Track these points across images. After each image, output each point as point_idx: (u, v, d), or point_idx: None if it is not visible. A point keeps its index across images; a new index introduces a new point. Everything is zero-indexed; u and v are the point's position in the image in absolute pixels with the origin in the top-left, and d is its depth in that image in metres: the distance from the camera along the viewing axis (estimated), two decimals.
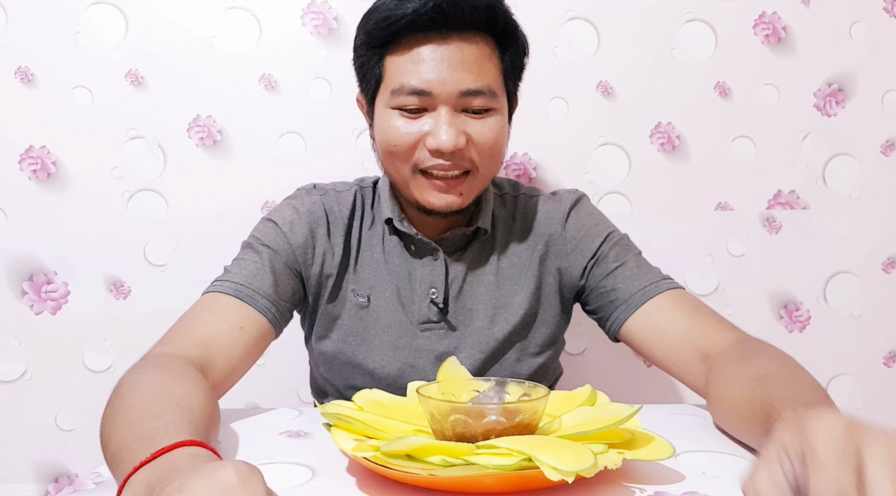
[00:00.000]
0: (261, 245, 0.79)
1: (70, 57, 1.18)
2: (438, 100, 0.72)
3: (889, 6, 1.25)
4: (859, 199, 1.27)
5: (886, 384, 1.29)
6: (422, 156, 0.74)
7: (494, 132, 0.75)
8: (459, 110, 0.74)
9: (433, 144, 0.72)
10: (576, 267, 0.84)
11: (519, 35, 0.78)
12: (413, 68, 0.72)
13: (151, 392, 0.53)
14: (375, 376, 0.81)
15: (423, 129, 0.73)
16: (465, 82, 0.72)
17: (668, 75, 1.24)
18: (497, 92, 0.75)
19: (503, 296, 0.83)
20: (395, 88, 0.73)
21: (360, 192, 0.86)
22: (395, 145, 0.74)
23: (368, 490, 0.48)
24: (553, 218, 0.85)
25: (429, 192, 0.76)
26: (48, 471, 1.23)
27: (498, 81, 0.76)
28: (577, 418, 0.55)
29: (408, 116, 0.74)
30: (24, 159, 1.19)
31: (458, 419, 0.49)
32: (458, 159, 0.74)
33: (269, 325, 0.74)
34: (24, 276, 1.20)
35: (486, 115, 0.75)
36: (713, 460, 0.55)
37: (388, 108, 0.75)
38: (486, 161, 0.76)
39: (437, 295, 0.81)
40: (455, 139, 0.72)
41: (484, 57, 0.74)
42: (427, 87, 0.72)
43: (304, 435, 0.63)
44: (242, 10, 1.20)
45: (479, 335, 0.82)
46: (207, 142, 1.21)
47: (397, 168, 0.76)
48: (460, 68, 0.72)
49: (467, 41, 0.73)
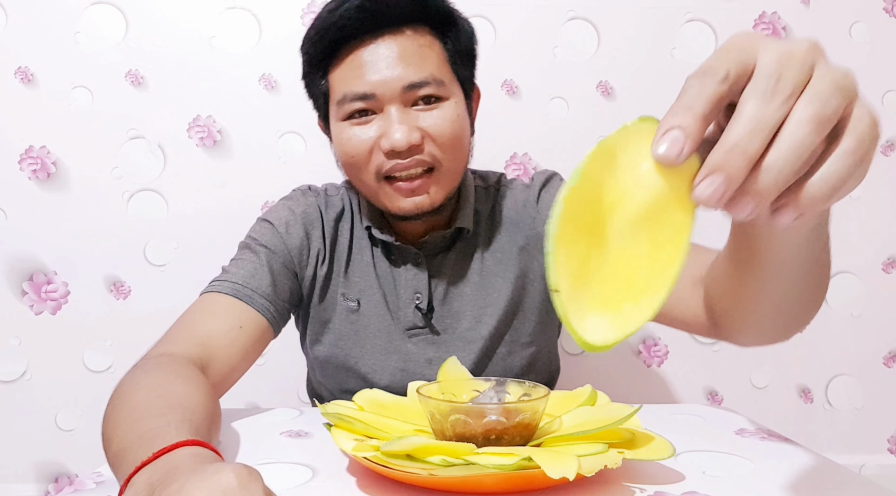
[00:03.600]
0: (258, 245, 0.78)
1: (70, 57, 1.18)
2: (384, 99, 0.71)
3: (889, 6, 1.25)
4: (859, 199, 1.27)
5: (886, 384, 1.29)
6: (379, 160, 0.72)
7: (449, 121, 0.72)
8: (409, 106, 0.72)
9: (387, 145, 0.70)
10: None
11: (457, 19, 0.76)
12: (353, 75, 0.71)
13: (153, 391, 0.53)
14: (368, 381, 0.81)
15: (375, 132, 0.72)
16: (408, 76, 0.70)
17: (668, 75, 1.24)
18: (444, 80, 0.73)
19: (488, 293, 0.81)
20: (340, 99, 0.72)
21: (347, 194, 0.86)
22: (352, 156, 0.73)
23: (368, 490, 0.48)
24: (528, 203, 0.83)
25: (397, 198, 0.74)
26: (48, 471, 1.23)
27: (443, 69, 0.73)
28: (577, 418, 0.55)
29: (359, 123, 0.72)
30: (24, 159, 1.19)
31: (458, 419, 0.49)
32: (417, 156, 0.71)
33: (268, 325, 0.74)
34: (24, 276, 1.20)
35: (437, 105, 0.72)
36: (713, 460, 0.55)
37: (339, 122, 0.73)
38: (447, 154, 0.73)
39: (421, 300, 0.80)
40: (408, 135, 0.70)
41: (423, 47, 0.72)
42: (369, 89, 0.70)
43: (304, 435, 0.63)
44: (242, 10, 1.20)
45: (467, 336, 0.80)
46: (207, 142, 1.21)
47: (361, 180, 0.75)
48: (399, 63, 0.70)
49: (402, 35, 0.71)
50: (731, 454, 0.56)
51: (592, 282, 0.32)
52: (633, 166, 0.32)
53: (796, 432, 1.16)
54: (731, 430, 0.64)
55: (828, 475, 0.51)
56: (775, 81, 0.29)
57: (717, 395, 1.28)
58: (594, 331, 0.32)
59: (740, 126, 0.29)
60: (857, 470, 1.30)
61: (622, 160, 0.32)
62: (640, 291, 0.32)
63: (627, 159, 0.32)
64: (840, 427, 1.30)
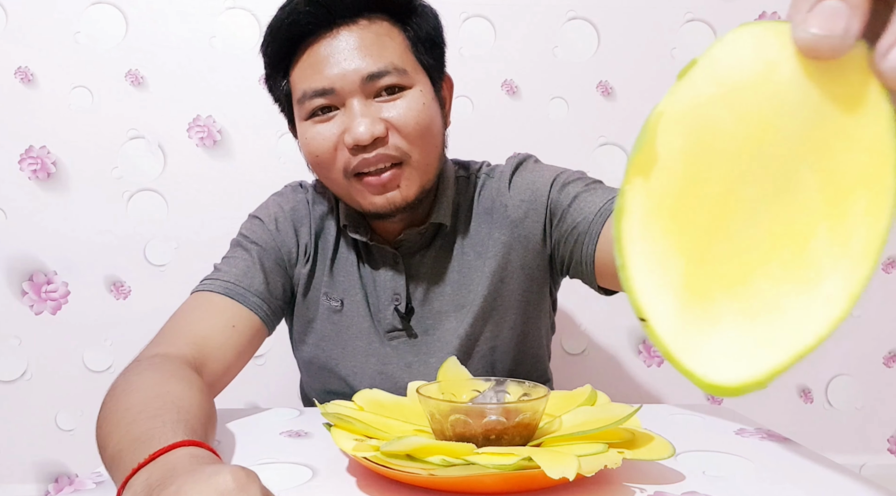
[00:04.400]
0: (249, 242, 0.77)
1: (70, 57, 1.18)
2: (344, 93, 0.68)
3: None
4: None
5: (886, 384, 1.29)
6: (346, 157, 0.69)
7: (414, 111, 0.69)
8: (371, 98, 0.69)
9: (350, 140, 0.68)
10: (535, 231, 0.76)
11: (417, 5, 0.72)
12: (311, 71, 0.69)
13: (147, 392, 0.52)
14: (349, 383, 0.79)
15: (338, 128, 0.69)
16: (366, 67, 0.68)
17: (668, 75, 1.24)
18: (407, 68, 0.70)
19: (469, 292, 0.77)
20: (300, 97, 0.70)
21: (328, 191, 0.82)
22: (317, 155, 0.70)
23: (368, 490, 0.48)
24: (501, 190, 0.78)
25: (367, 195, 0.71)
26: (48, 471, 1.23)
27: (405, 57, 0.70)
28: (577, 418, 0.55)
29: (321, 120, 0.70)
30: (24, 159, 1.19)
31: (458, 419, 0.49)
32: (382, 149, 0.68)
33: (262, 323, 0.73)
34: (24, 276, 1.20)
35: (400, 95, 0.69)
36: (713, 460, 0.55)
37: (302, 121, 0.71)
38: (415, 145, 0.69)
39: (400, 302, 0.77)
40: (371, 128, 0.67)
41: (381, 36, 0.69)
42: (328, 83, 0.68)
43: (304, 435, 0.63)
44: (242, 10, 1.20)
45: (447, 337, 0.77)
46: (207, 142, 1.21)
47: (331, 179, 0.72)
48: (357, 55, 0.68)
49: (357, 26, 0.69)
50: (731, 454, 0.56)
51: (716, 282, 0.20)
52: (764, 81, 0.20)
53: (796, 432, 1.16)
54: (731, 430, 0.64)
55: (828, 475, 0.51)
56: None
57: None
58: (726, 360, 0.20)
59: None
60: (857, 470, 1.30)
61: (739, 78, 0.21)
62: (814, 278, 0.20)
63: (749, 73, 0.21)
64: (840, 427, 1.30)
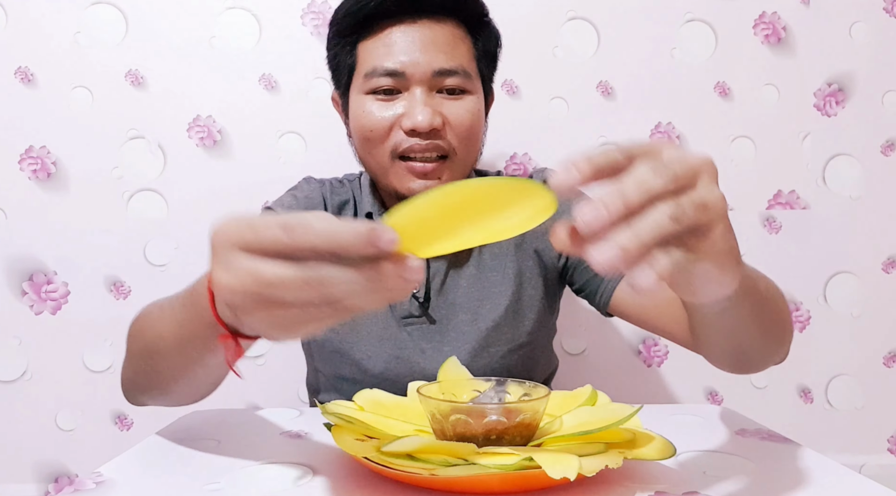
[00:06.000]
0: None
1: (70, 57, 1.18)
2: (412, 80, 0.72)
3: (889, 6, 1.25)
4: (859, 199, 1.27)
5: (886, 384, 1.29)
6: (398, 138, 0.73)
7: (470, 113, 0.74)
8: (434, 91, 0.73)
9: (409, 124, 0.72)
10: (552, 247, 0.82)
11: (489, 22, 0.78)
12: (385, 51, 0.72)
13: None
14: (362, 367, 0.81)
15: (398, 111, 0.73)
16: (438, 61, 0.72)
17: (668, 75, 1.24)
18: (471, 74, 0.75)
19: (485, 288, 0.82)
20: (368, 71, 0.73)
21: (350, 183, 0.88)
22: (370, 130, 0.74)
23: (369, 490, 0.48)
24: None
25: (408, 179, 0.75)
26: (48, 471, 1.22)
27: (471, 64, 0.75)
28: (577, 418, 0.55)
29: (382, 99, 0.73)
30: (24, 159, 1.19)
31: (458, 419, 0.49)
32: (435, 140, 0.73)
33: None
34: (24, 276, 1.20)
35: (461, 96, 0.74)
36: (713, 460, 0.55)
37: (361, 94, 0.74)
38: (462, 145, 0.75)
39: (418, 289, 0.80)
40: (431, 118, 0.71)
41: (456, 38, 0.74)
42: (400, 67, 0.72)
43: (304, 435, 0.63)
44: (242, 10, 1.20)
45: (464, 328, 0.81)
46: (207, 142, 1.21)
47: (375, 156, 0.76)
48: (433, 48, 0.72)
49: (438, 23, 0.73)
50: (731, 454, 0.56)
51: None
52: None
53: (796, 432, 1.16)
54: (731, 430, 0.64)
55: (828, 475, 0.51)
56: (664, 167, 0.35)
57: (717, 395, 1.28)
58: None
59: (629, 180, 0.35)
60: (857, 470, 1.30)
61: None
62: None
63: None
64: (840, 427, 1.30)
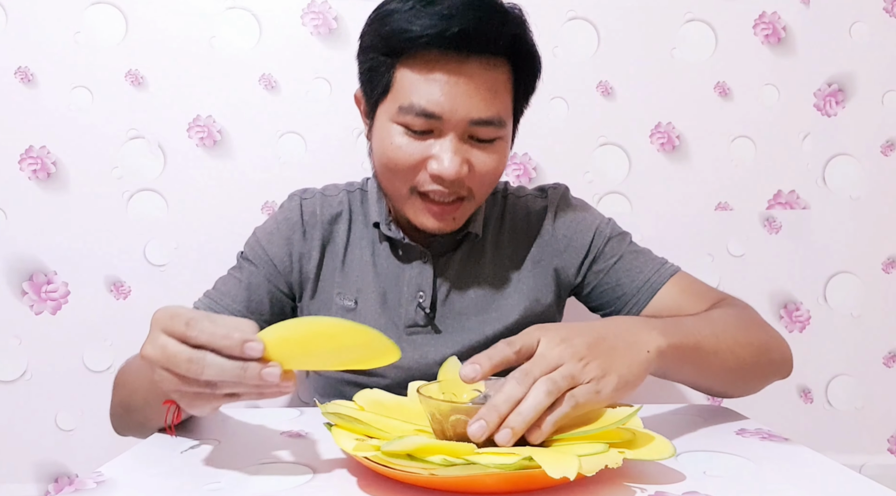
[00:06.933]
0: (243, 260, 0.84)
1: (70, 57, 1.18)
2: (447, 125, 0.69)
3: (889, 6, 1.25)
4: (859, 199, 1.27)
5: (886, 384, 1.29)
6: (422, 178, 0.72)
7: (497, 162, 0.74)
8: (466, 137, 0.71)
9: (436, 170, 0.70)
10: (570, 265, 0.85)
11: (536, 63, 0.76)
12: (426, 88, 0.68)
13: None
14: (365, 374, 0.81)
15: (427, 151, 0.71)
16: (477, 111, 0.69)
17: (668, 75, 1.24)
18: (506, 121, 0.73)
19: (495, 300, 0.82)
20: (405, 105, 0.69)
21: (349, 194, 0.86)
22: (395, 164, 0.72)
23: (369, 490, 0.48)
24: (542, 216, 0.86)
25: (424, 215, 0.74)
26: (48, 471, 1.23)
27: (508, 110, 0.73)
28: (577, 418, 0.55)
29: (412, 136, 0.71)
30: (24, 159, 1.19)
31: (458, 419, 0.49)
32: (458, 187, 0.72)
33: None
34: (24, 276, 1.20)
35: (491, 145, 0.73)
36: (713, 460, 0.55)
37: (392, 122, 0.71)
38: (482, 189, 0.75)
39: (424, 298, 0.80)
40: (458, 168, 0.70)
41: (499, 84, 0.71)
42: (438, 110, 0.68)
43: (304, 435, 0.63)
44: (242, 10, 1.20)
45: (470, 337, 0.81)
46: (207, 142, 1.21)
47: (394, 185, 0.75)
48: (474, 95, 0.69)
49: (485, 67, 0.69)
50: (731, 454, 0.56)
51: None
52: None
53: (796, 432, 1.16)
54: (731, 430, 0.64)
55: (828, 475, 0.51)
56: (525, 374, 0.50)
57: None
58: None
59: (499, 396, 0.48)
60: (857, 470, 1.30)
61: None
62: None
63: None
64: (840, 427, 1.30)
